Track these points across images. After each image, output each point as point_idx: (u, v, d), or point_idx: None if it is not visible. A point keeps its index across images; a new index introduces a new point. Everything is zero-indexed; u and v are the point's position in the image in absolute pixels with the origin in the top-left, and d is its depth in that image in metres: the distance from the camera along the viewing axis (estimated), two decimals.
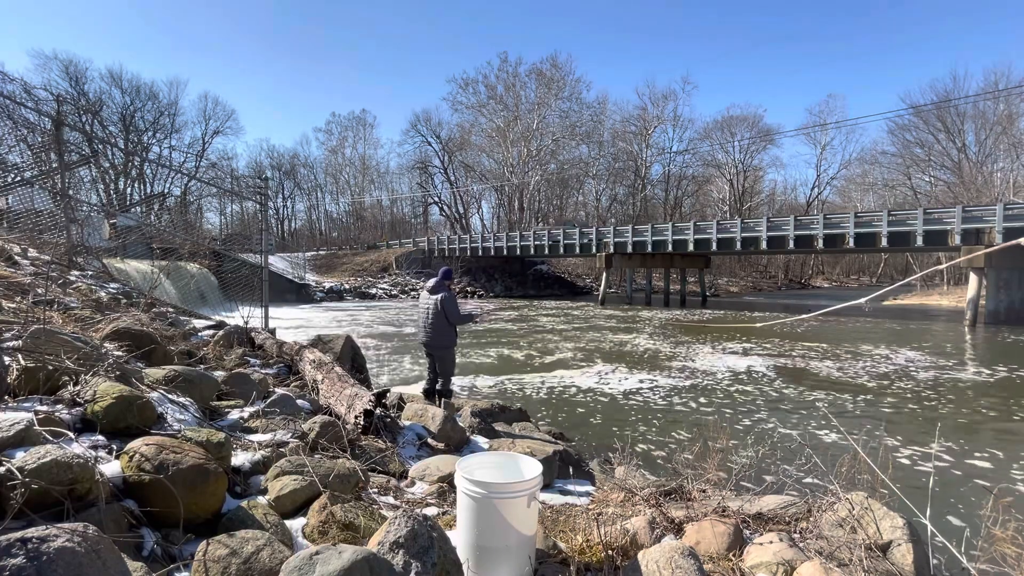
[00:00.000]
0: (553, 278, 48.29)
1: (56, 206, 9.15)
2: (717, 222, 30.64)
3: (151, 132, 50.10)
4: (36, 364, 2.81)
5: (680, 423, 8.14)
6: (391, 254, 46.22)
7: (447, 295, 5.43)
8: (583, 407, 9.11)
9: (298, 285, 35.98)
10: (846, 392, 10.29)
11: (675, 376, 11.70)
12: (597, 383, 10.98)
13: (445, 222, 64.35)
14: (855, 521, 2.55)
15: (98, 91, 45.98)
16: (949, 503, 5.32)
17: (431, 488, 3.33)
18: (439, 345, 5.49)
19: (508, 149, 57.02)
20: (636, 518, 2.77)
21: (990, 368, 12.78)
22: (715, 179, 64.37)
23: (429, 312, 5.44)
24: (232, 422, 3.52)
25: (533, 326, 22.09)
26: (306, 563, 1.64)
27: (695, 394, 10.08)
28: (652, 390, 10.38)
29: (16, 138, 9.21)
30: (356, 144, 68.02)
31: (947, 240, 22.56)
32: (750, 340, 17.34)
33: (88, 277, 7.87)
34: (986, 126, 44.09)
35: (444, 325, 5.41)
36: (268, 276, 8.91)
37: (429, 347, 5.56)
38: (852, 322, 23.35)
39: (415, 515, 1.99)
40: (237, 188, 43.95)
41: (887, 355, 14.59)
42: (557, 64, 56.89)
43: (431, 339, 5.48)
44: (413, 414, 4.89)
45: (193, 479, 2.20)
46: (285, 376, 5.60)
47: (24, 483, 1.76)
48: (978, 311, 21.94)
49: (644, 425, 8.08)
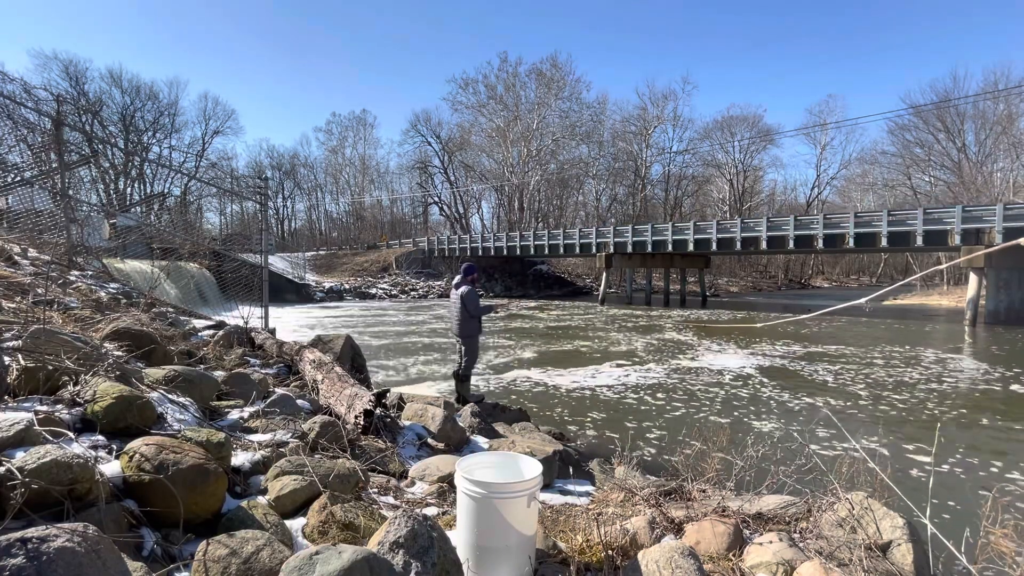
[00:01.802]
0: (553, 278, 48.28)
1: (56, 206, 9.14)
2: (717, 222, 30.64)
3: (151, 132, 50.15)
4: (36, 364, 2.81)
5: (680, 423, 8.14)
6: (391, 254, 46.22)
7: (468, 290, 6.25)
8: (583, 407, 9.11)
9: (298, 285, 35.97)
10: (846, 392, 10.29)
11: (675, 376, 11.70)
12: (597, 383, 10.98)
13: (445, 222, 64.35)
14: (855, 521, 2.55)
15: (98, 91, 46.06)
16: (949, 503, 5.32)
17: (431, 488, 3.33)
18: (463, 333, 6.35)
19: (508, 149, 57.01)
20: (636, 518, 2.78)
21: (990, 368, 12.77)
22: (715, 179, 64.37)
23: (455, 305, 6.30)
24: (232, 422, 3.51)
25: (533, 326, 22.09)
26: (306, 563, 1.64)
27: (695, 394, 10.08)
28: (652, 390, 10.38)
29: (16, 138, 9.20)
30: (356, 144, 68.07)
31: (947, 240, 22.55)
32: (750, 340, 17.34)
33: (88, 277, 7.87)
34: (986, 126, 44.10)
35: (467, 316, 6.24)
36: (268, 276, 8.91)
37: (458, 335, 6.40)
38: (852, 322, 23.34)
39: (415, 515, 1.99)
40: (237, 188, 44.01)
41: (887, 355, 14.59)
42: (557, 64, 56.94)
43: (457, 328, 6.35)
44: (413, 414, 4.88)
45: (193, 479, 2.20)
46: (285, 376, 5.59)
47: (24, 483, 1.76)
48: (978, 311, 21.94)
49: (644, 425, 8.08)
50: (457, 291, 6.38)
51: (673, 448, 6.81)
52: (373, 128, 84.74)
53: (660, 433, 7.69)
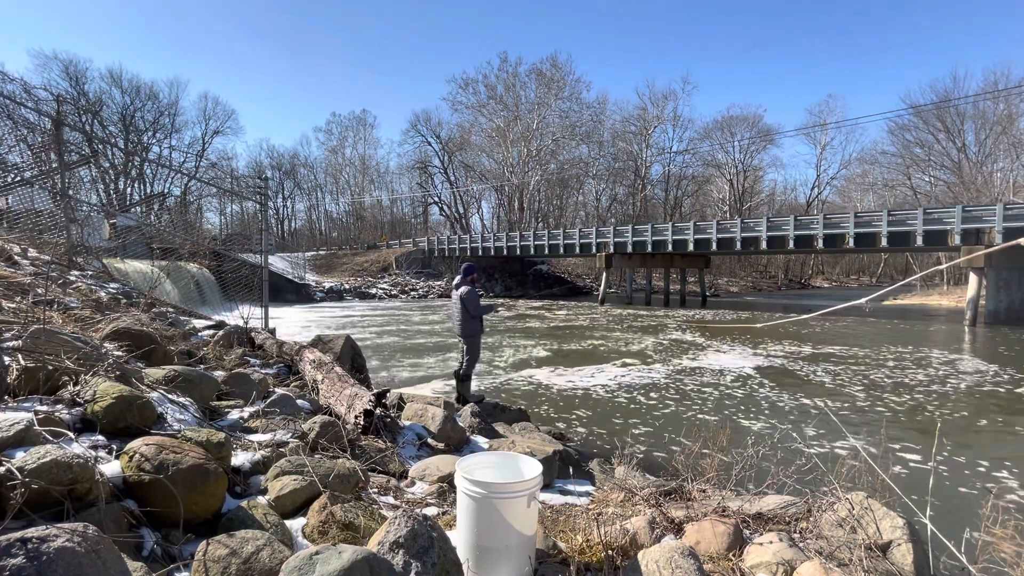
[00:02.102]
0: (553, 278, 48.29)
1: (56, 206, 9.14)
2: (717, 222, 30.64)
3: (151, 132, 50.16)
4: (36, 364, 2.81)
5: (680, 423, 8.14)
6: (391, 254, 46.23)
7: (468, 290, 6.34)
8: (583, 407, 9.11)
9: (298, 285, 35.97)
10: (846, 392, 10.29)
11: (675, 376, 11.70)
12: (597, 383, 10.98)
13: (445, 222, 64.35)
14: (855, 521, 2.55)
15: (98, 91, 46.06)
16: (949, 503, 5.32)
17: (431, 488, 3.33)
18: (465, 333, 6.43)
19: (508, 149, 57.01)
20: (636, 518, 2.78)
21: (990, 368, 12.78)
22: (715, 179, 64.36)
23: (456, 306, 6.38)
24: (232, 422, 3.51)
25: (533, 326, 22.09)
26: (306, 563, 1.64)
27: (695, 394, 10.08)
28: (652, 390, 10.38)
29: (16, 138, 9.20)
30: (356, 144, 68.09)
31: (947, 240, 22.55)
32: (750, 340, 17.34)
33: (88, 277, 7.87)
34: (986, 126, 44.09)
35: (468, 316, 6.32)
36: (268, 276, 8.91)
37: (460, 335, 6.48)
38: (852, 322, 23.34)
39: (415, 515, 1.99)
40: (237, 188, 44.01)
41: (887, 355, 14.59)
42: (557, 64, 56.94)
43: (459, 328, 6.43)
44: (413, 414, 4.89)
45: (193, 479, 2.20)
46: (285, 376, 5.59)
47: (24, 483, 1.76)
48: (978, 311, 21.94)
49: (644, 425, 8.08)
50: (457, 292, 6.46)
51: (673, 448, 6.81)
52: (373, 128, 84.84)
53: (660, 433, 7.69)
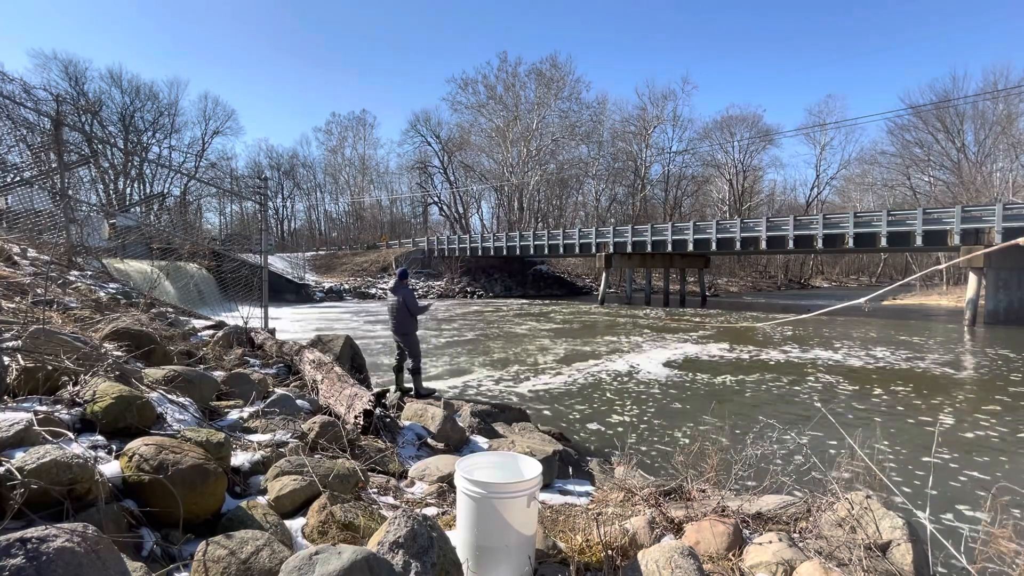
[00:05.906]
0: (553, 278, 48.30)
1: (56, 206, 9.14)
2: (717, 222, 30.63)
3: (151, 132, 50.08)
4: (36, 364, 2.81)
5: (680, 423, 8.14)
6: (391, 254, 46.23)
7: (407, 292, 6.84)
8: (583, 407, 9.11)
9: (298, 285, 35.97)
10: (845, 392, 10.29)
11: (674, 376, 11.70)
12: (597, 383, 10.98)
13: (445, 222, 64.32)
14: (854, 521, 2.55)
15: (98, 91, 45.95)
16: (949, 503, 5.32)
17: (431, 488, 3.33)
18: (402, 331, 6.82)
19: (508, 149, 57.00)
20: (636, 518, 2.78)
21: (989, 368, 12.78)
22: (715, 179, 64.36)
23: (394, 306, 6.82)
24: (232, 422, 3.51)
25: (533, 326, 22.09)
26: (306, 563, 1.64)
27: (695, 394, 10.09)
28: (652, 389, 10.38)
29: (16, 138, 9.18)
30: (356, 144, 68.05)
31: (946, 240, 22.56)
32: (749, 340, 17.35)
33: (88, 277, 7.86)
34: (985, 126, 44.11)
35: (406, 315, 6.78)
36: (268, 276, 8.91)
37: (397, 333, 6.90)
38: (852, 322, 23.35)
39: (415, 515, 2.00)
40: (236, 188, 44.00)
41: (886, 355, 14.59)
42: (557, 64, 56.91)
43: (397, 327, 6.84)
44: (413, 414, 4.89)
45: (193, 479, 2.20)
46: (285, 376, 5.60)
47: (24, 483, 1.76)
48: (977, 311, 21.94)
49: (644, 425, 8.08)
50: (396, 293, 6.83)
51: (673, 448, 6.81)
52: (373, 128, 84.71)
53: (660, 433, 7.69)
